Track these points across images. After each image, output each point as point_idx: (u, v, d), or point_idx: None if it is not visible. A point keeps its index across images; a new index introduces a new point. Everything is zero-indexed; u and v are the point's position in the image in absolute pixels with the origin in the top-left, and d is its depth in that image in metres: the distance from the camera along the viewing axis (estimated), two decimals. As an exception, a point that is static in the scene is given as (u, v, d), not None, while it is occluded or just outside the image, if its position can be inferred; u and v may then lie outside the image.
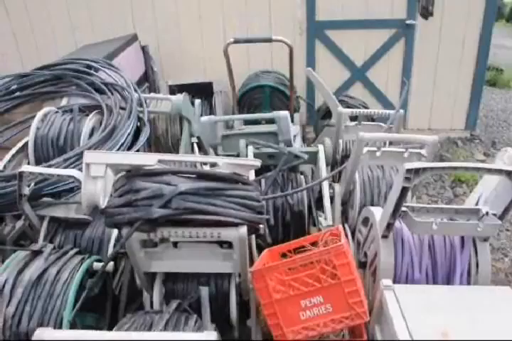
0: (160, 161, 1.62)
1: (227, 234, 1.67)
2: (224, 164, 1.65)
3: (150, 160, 1.61)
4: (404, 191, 1.92)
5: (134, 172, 1.65)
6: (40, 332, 1.23)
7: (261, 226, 1.89)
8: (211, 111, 4.65)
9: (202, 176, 1.65)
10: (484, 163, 4.94)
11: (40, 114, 2.76)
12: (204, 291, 1.45)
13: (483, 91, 5.47)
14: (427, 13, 4.89)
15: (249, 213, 1.68)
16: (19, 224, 2.52)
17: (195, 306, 1.92)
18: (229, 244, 1.87)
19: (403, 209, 2.07)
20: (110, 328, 2.09)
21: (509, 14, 17.07)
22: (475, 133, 5.58)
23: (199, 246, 1.81)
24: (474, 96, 5.26)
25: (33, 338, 1.23)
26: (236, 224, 1.67)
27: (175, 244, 1.84)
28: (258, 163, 1.71)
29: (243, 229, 1.67)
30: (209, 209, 1.59)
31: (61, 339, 1.19)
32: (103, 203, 1.71)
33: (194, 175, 1.67)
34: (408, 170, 1.88)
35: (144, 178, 1.61)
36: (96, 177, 1.65)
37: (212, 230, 1.66)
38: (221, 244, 1.90)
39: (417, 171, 1.89)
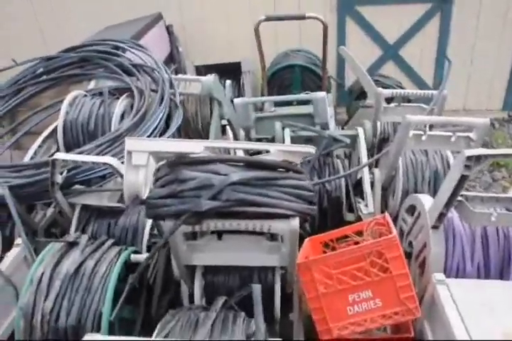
0: (206, 148, 1.50)
1: (278, 226, 1.56)
2: (276, 151, 1.52)
3: (196, 147, 1.49)
4: (463, 179, 1.79)
5: (178, 161, 1.53)
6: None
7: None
8: (239, 92, 4.51)
9: (251, 164, 1.52)
10: (522, 145, 4.75)
11: (69, 98, 2.67)
12: (257, 290, 1.35)
13: (523, 69, 5.20)
14: (466, -14, 4.61)
15: (301, 204, 1.56)
16: (50, 211, 2.46)
17: (238, 301, 1.83)
18: (271, 236, 1.77)
19: (458, 198, 1.94)
20: (145, 320, 2.04)
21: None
22: (513, 113, 5.34)
23: (245, 238, 1.71)
24: (514, 74, 5.01)
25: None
26: (287, 216, 1.56)
27: (219, 236, 1.74)
28: (312, 149, 1.58)
29: (295, 221, 1.56)
30: (262, 201, 1.47)
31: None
32: (144, 193, 1.61)
33: (242, 163, 1.55)
34: (469, 158, 1.75)
35: (190, 167, 1.49)
36: (138, 165, 1.54)
37: (263, 222, 1.55)
38: (265, 234, 1.79)
39: (478, 158, 1.75)
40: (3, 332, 1.84)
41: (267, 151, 1.55)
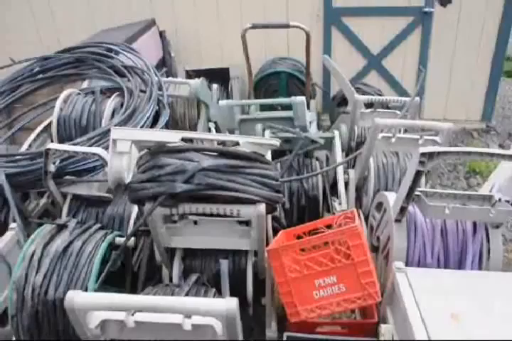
0: (183, 139, 1.68)
1: (246, 210, 1.73)
2: (245, 142, 1.70)
3: (174, 137, 1.67)
4: (418, 175, 1.95)
5: (158, 149, 1.71)
6: (71, 295, 1.31)
7: (277, 205, 1.93)
8: (228, 96, 4.67)
9: (223, 154, 1.70)
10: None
11: (63, 96, 2.83)
12: (224, 264, 1.51)
13: (501, 82, 5.42)
14: (445, 1, 4.84)
15: (267, 191, 1.73)
16: (43, 201, 2.61)
17: (212, 282, 1.99)
18: (246, 223, 1.93)
19: (417, 193, 2.11)
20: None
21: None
22: (491, 124, 5.53)
23: (218, 223, 1.87)
24: (491, 86, 5.21)
25: (65, 300, 1.30)
26: (255, 202, 1.73)
27: (195, 221, 1.90)
28: (277, 142, 1.76)
29: (262, 207, 1.73)
30: (230, 186, 1.64)
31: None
32: (127, 178, 1.77)
33: (216, 153, 1.73)
34: (422, 154, 1.91)
35: (168, 155, 1.66)
36: (122, 152, 1.71)
37: (232, 207, 1.72)
38: (239, 222, 1.95)
39: (431, 155, 1.91)
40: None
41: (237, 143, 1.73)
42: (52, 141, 2.78)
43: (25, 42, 5.16)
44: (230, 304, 1.25)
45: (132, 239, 2.06)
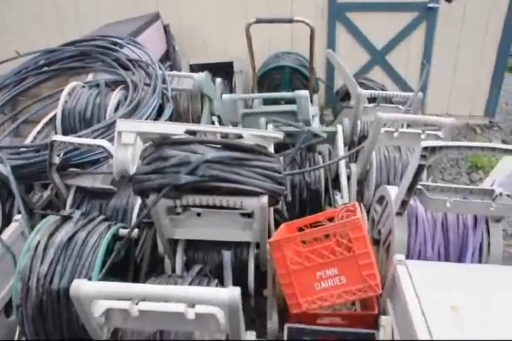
0: (187, 131, 1.70)
1: (249, 202, 1.75)
2: (248, 135, 1.72)
3: (178, 129, 1.69)
4: (420, 169, 1.96)
5: (162, 141, 1.73)
6: (76, 283, 1.33)
7: (280, 198, 1.95)
8: (231, 90, 4.69)
9: (227, 146, 1.72)
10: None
11: (67, 88, 2.86)
12: (227, 255, 1.54)
13: (505, 78, 5.41)
14: (450, -3, 4.83)
15: (270, 183, 1.75)
16: (47, 193, 2.64)
17: (215, 273, 2.01)
18: (248, 215, 1.95)
19: (418, 187, 2.12)
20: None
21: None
22: (494, 120, 5.53)
23: (221, 214, 1.89)
24: (495, 82, 5.21)
25: (71, 289, 1.32)
26: (258, 194, 1.75)
27: (198, 213, 1.92)
28: (280, 135, 1.77)
29: (264, 199, 1.75)
30: (233, 178, 1.66)
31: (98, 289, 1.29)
32: (132, 170, 1.79)
33: (220, 145, 1.75)
34: (425, 148, 1.92)
35: (172, 147, 1.68)
36: (127, 144, 1.73)
37: (235, 198, 1.74)
38: (242, 214, 1.97)
39: (433, 149, 1.92)
40: (3, 295, 2.01)
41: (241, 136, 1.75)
42: (56, 134, 2.80)
43: (31, 36, 5.16)
44: (232, 293, 1.28)
45: (136, 230, 2.09)
